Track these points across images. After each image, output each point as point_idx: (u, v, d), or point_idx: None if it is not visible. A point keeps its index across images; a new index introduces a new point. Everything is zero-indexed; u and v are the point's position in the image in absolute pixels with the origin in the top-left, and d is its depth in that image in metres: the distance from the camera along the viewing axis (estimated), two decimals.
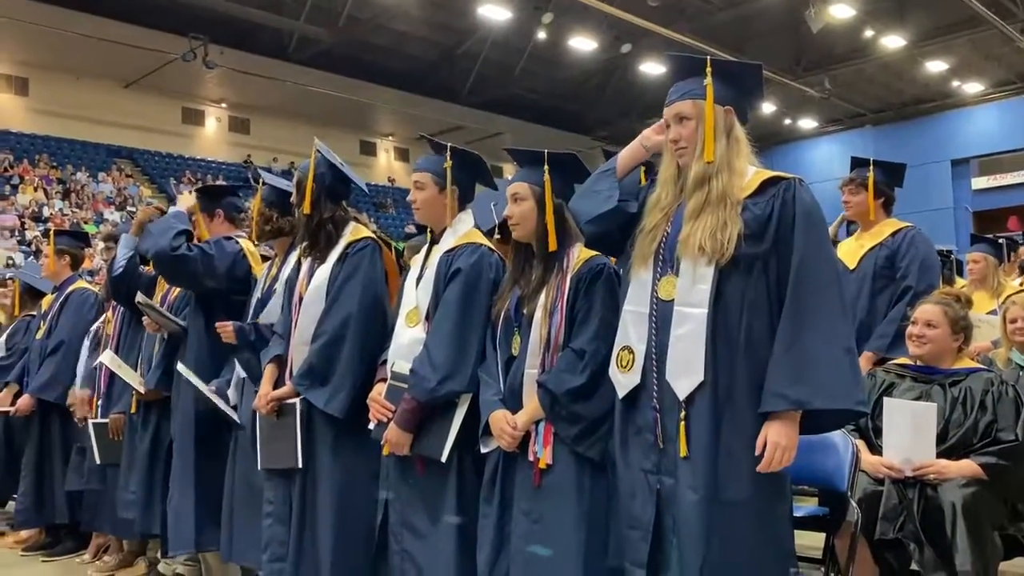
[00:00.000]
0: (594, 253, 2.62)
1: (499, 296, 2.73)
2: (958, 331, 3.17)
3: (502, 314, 2.68)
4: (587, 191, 2.49)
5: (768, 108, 25.17)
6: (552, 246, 2.61)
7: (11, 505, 5.49)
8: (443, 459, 2.66)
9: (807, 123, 28.11)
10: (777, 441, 2.09)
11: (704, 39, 20.62)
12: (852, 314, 2.29)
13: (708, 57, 2.31)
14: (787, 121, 27.59)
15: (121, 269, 4.05)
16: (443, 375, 2.65)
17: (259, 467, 3.10)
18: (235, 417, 3.39)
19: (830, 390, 2.08)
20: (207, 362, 3.69)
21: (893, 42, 21.33)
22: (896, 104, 26.44)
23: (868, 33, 21.29)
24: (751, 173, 2.28)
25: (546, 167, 2.65)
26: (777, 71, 22.64)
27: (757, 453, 2.10)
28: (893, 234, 4.07)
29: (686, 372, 2.17)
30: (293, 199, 3.27)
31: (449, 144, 2.95)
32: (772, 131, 27.60)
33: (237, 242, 3.80)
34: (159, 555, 4.12)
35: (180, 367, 3.61)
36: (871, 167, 4.14)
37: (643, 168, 2.59)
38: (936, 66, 23.31)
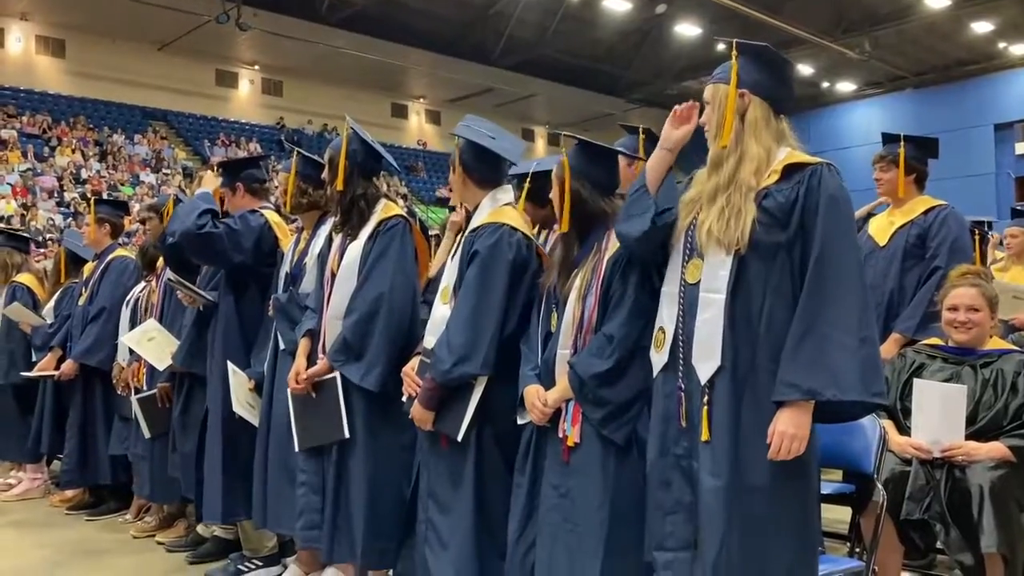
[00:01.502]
0: None
1: (547, 270, 2.77)
2: (995, 309, 3.16)
3: (546, 289, 2.71)
4: (625, 214, 2.45)
5: (805, 70, 24.69)
6: (563, 227, 2.64)
7: (56, 465, 5.68)
8: (459, 438, 2.72)
9: (845, 86, 27.54)
10: (785, 430, 2.09)
11: (742, 0, 20.24)
12: (880, 303, 2.25)
13: (734, 40, 2.29)
14: (825, 84, 27.06)
15: (173, 238, 4.13)
16: (457, 358, 2.69)
17: (296, 448, 3.17)
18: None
19: (843, 381, 2.06)
20: (236, 337, 3.78)
21: (937, 2, 20.75)
22: (939, 66, 25.78)
23: None
24: (782, 155, 2.27)
25: (564, 150, 2.66)
26: (816, 32, 22.15)
27: (768, 441, 2.12)
28: (925, 212, 4.00)
29: (707, 356, 2.19)
30: (325, 175, 3.30)
31: (458, 136, 2.97)
32: (809, 94, 27.11)
33: (262, 215, 3.85)
34: (197, 517, 4.25)
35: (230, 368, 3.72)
36: (902, 142, 4.05)
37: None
38: (981, 27, 22.67)
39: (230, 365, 3.63)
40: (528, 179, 3.21)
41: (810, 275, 2.13)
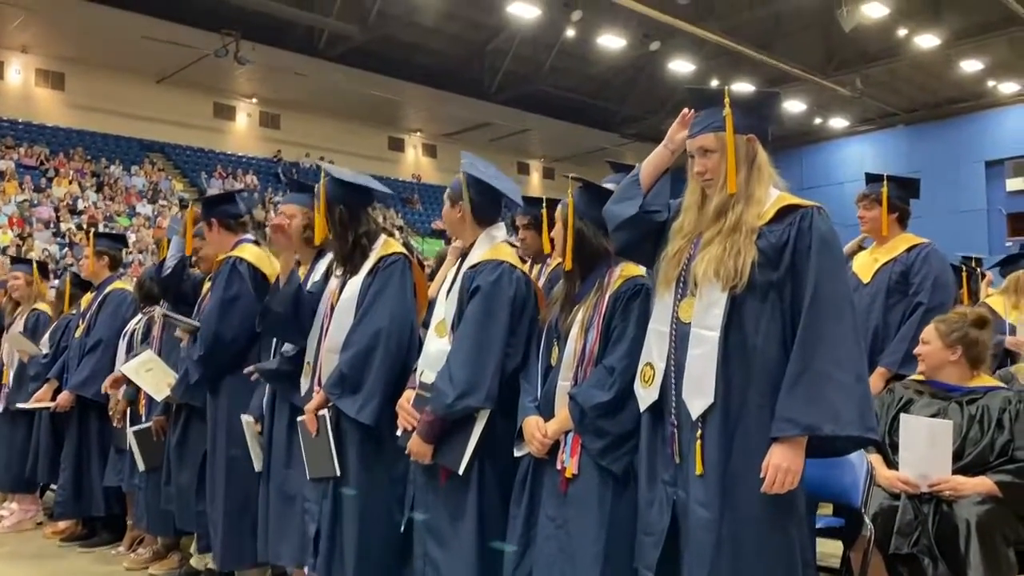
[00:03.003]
0: (634, 273, 2.69)
1: (548, 305, 2.83)
2: (952, 345, 3.19)
3: (547, 324, 2.77)
4: (616, 197, 2.55)
5: (798, 107, 25.01)
6: (567, 265, 2.71)
7: (49, 496, 5.67)
8: (460, 472, 2.75)
9: (838, 122, 27.87)
10: (779, 464, 2.14)
11: (733, 37, 20.56)
12: (865, 340, 2.32)
13: (725, 88, 2.33)
14: (817, 120, 27.38)
15: (169, 271, 4.21)
16: (460, 391, 2.73)
17: (308, 478, 3.19)
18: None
19: (841, 417, 2.12)
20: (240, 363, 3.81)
21: (927, 41, 21.09)
22: (929, 104, 26.14)
23: (901, 32, 21.08)
24: (773, 197, 2.33)
25: (570, 191, 2.73)
26: (807, 70, 22.48)
27: (761, 475, 2.16)
28: (908, 250, 4.09)
29: (699, 392, 2.24)
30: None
31: (463, 169, 3.02)
32: (802, 130, 27.43)
33: (239, 261, 3.88)
34: (192, 549, 4.24)
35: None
36: (885, 182, 4.14)
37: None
38: (971, 65, 23.02)
39: (244, 417, 3.65)
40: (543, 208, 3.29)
41: (806, 314, 2.18)
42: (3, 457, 5.68)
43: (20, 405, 5.40)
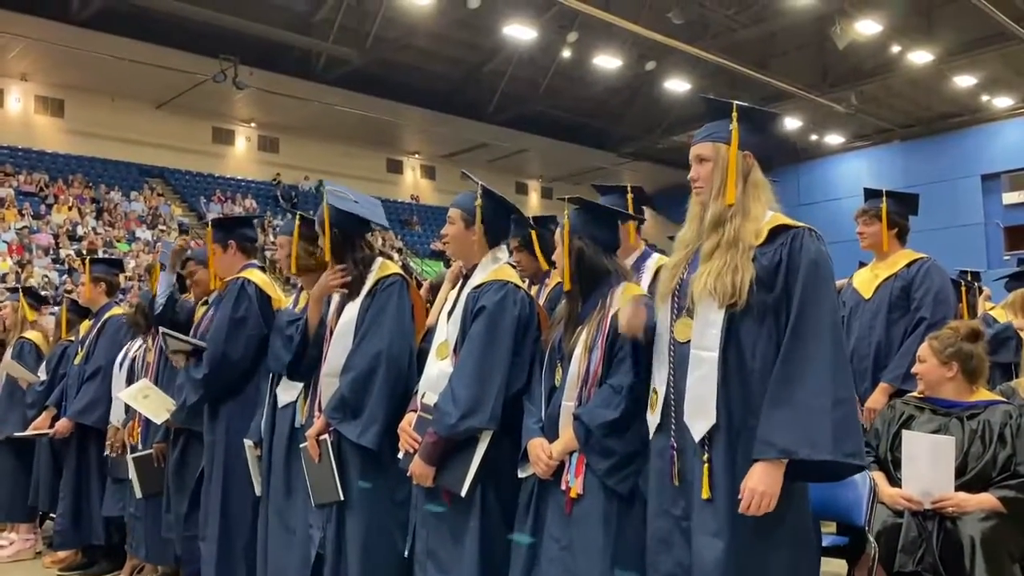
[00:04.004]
0: (636, 292, 2.70)
1: (551, 326, 2.83)
2: (947, 361, 3.19)
3: (550, 345, 2.77)
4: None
5: (794, 124, 25.13)
6: (566, 286, 2.71)
7: (48, 525, 5.64)
8: (463, 493, 2.73)
9: (834, 139, 27.98)
10: (755, 487, 2.13)
11: (729, 56, 20.70)
12: (848, 363, 2.30)
13: (733, 102, 2.37)
14: (813, 137, 27.49)
15: (160, 307, 4.21)
16: (464, 412, 2.72)
17: (313, 504, 3.17)
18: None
19: (815, 441, 2.11)
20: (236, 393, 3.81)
21: (920, 57, 21.21)
22: (924, 119, 26.26)
23: (895, 49, 21.20)
24: (767, 218, 2.34)
25: (566, 211, 2.74)
26: (803, 87, 22.61)
27: (739, 497, 2.15)
28: (908, 265, 4.10)
29: (701, 414, 2.23)
30: (320, 242, 3.35)
31: (481, 183, 3.03)
32: (798, 147, 27.54)
33: (249, 284, 3.89)
34: None
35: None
36: (884, 197, 4.16)
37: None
38: (965, 81, 23.14)
39: (245, 441, 3.63)
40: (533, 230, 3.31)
41: (787, 337, 2.18)
42: (2, 487, 5.65)
43: (18, 434, 5.38)
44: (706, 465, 2.21)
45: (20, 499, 5.55)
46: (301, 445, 3.21)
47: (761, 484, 2.13)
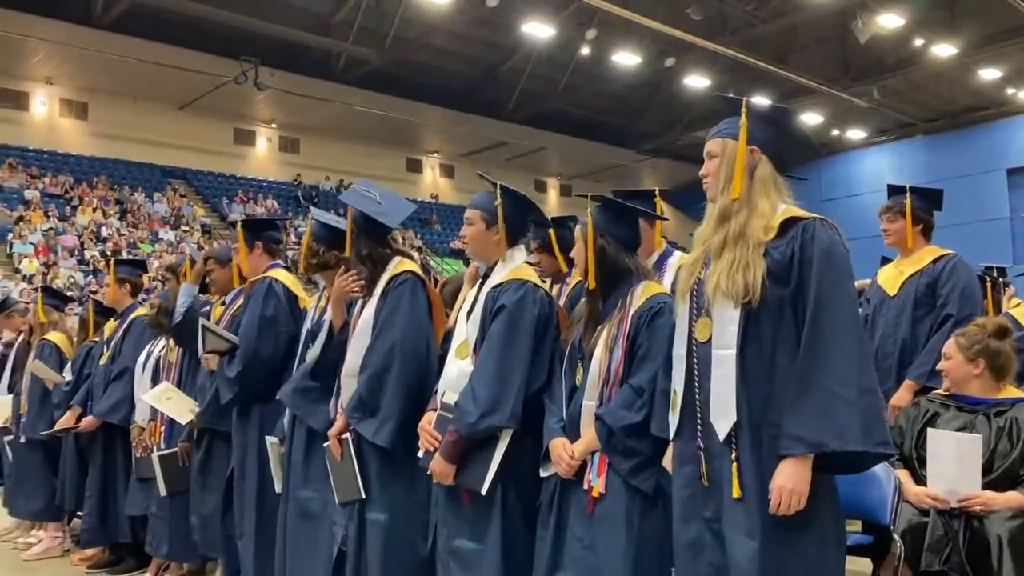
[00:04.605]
0: (657, 290, 2.69)
1: (570, 325, 2.82)
2: (974, 358, 3.15)
3: (570, 344, 2.76)
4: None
5: (814, 119, 24.93)
6: (590, 284, 2.70)
7: (76, 523, 5.71)
8: (483, 492, 2.73)
9: (856, 133, 27.75)
10: (784, 485, 2.11)
11: (749, 51, 20.58)
12: (870, 352, 2.27)
13: (744, 99, 2.36)
14: (835, 132, 27.27)
15: (180, 318, 4.26)
16: (484, 410, 2.73)
17: (337, 502, 3.19)
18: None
19: (846, 432, 2.08)
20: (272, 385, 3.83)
21: (944, 51, 20.99)
22: (948, 113, 25.98)
23: (918, 42, 21.01)
24: (780, 211, 2.31)
25: (589, 210, 2.73)
26: (824, 82, 22.44)
27: (770, 497, 2.13)
28: (934, 261, 4.05)
29: (723, 413, 2.22)
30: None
31: (499, 183, 3.03)
32: (819, 142, 27.31)
33: (276, 282, 3.92)
34: (219, 575, 4.25)
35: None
36: (908, 193, 4.11)
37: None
38: (989, 74, 22.88)
39: (268, 439, 3.66)
40: (551, 229, 3.31)
41: (806, 329, 2.16)
42: (29, 486, 5.74)
43: (44, 432, 5.45)
44: (734, 464, 2.19)
45: (47, 498, 5.62)
46: (324, 444, 3.23)
47: (790, 482, 2.11)
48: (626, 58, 22.04)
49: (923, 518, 2.94)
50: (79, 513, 5.56)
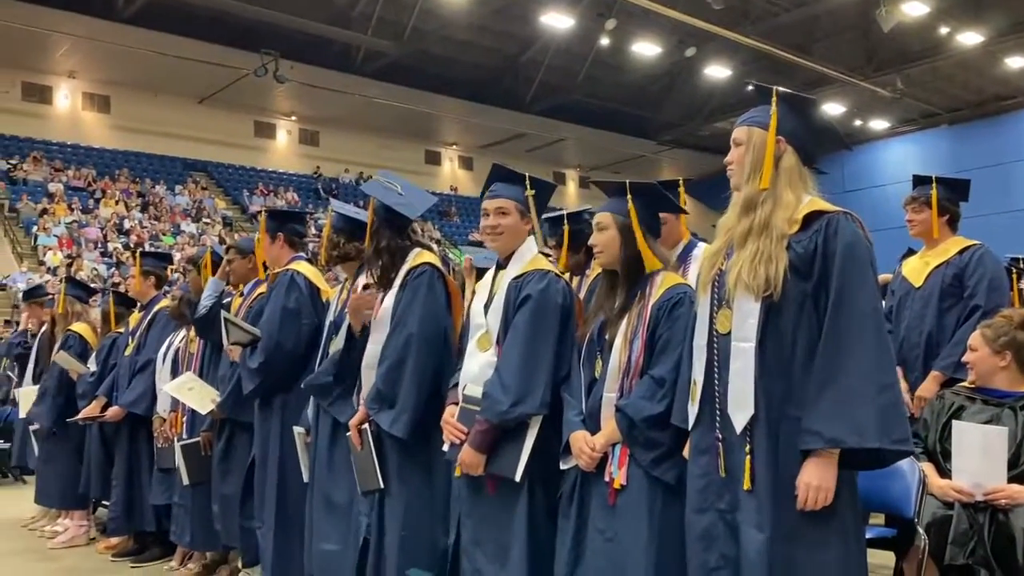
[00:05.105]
0: (677, 281, 2.68)
1: (585, 319, 2.81)
2: (1000, 350, 3.11)
3: (586, 337, 2.75)
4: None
5: (837, 110, 24.67)
6: (649, 267, 2.69)
7: (102, 512, 5.79)
8: (517, 478, 2.74)
9: (879, 124, 27.44)
10: (809, 482, 2.10)
11: (770, 41, 20.39)
12: (892, 348, 2.24)
13: (776, 88, 2.35)
14: (857, 122, 26.99)
15: (204, 311, 4.29)
16: (515, 398, 2.74)
17: (359, 492, 3.22)
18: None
19: (864, 429, 2.07)
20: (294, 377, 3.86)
21: (969, 39, 20.71)
22: (973, 102, 25.62)
23: (943, 31, 20.74)
24: (804, 203, 2.29)
25: (629, 199, 2.71)
26: (846, 71, 22.20)
27: (797, 493, 2.12)
28: (960, 252, 4.00)
29: (741, 405, 2.21)
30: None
31: (527, 174, 3.05)
32: (843, 132, 26.99)
33: (297, 274, 3.95)
34: (240, 565, 4.29)
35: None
36: (934, 184, 4.07)
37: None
38: (1016, 62, 22.54)
39: (295, 429, 3.68)
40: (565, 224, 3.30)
41: (827, 324, 2.14)
42: (56, 475, 5.83)
43: (69, 420, 5.52)
44: (748, 457, 2.19)
45: (73, 487, 5.71)
46: (347, 434, 3.25)
47: (816, 478, 2.10)
48: (646, 48, 21.91)
49: (948, 511, 2.91)
50: (104, 502, 5.64)
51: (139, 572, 4.96)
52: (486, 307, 3.00)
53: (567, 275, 3.48)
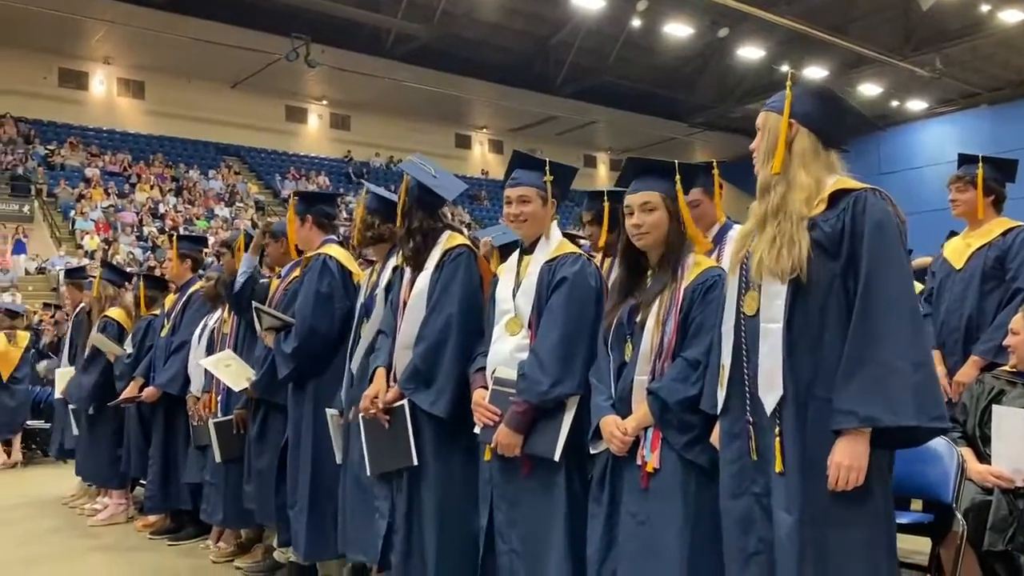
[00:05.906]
0: (709, 264, 2.66)
1: (611, 305, 2.79)
2: None
3: (614, 321, 2.73)
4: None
5: (873, 90, 24.27)
6: (700, 249, 2.69)
7: (140, 491, 5.91)
8: (556, 458, 2.75)
9: (916, 104, 26.93)
10: (842, 461, 2.07)
11: (805, 21, 20.07)
12: (924, 325, 2.20)
13: (791, 71, 2.33)
14: (894, 103, 26.51)
15: (239, 287, 4.34)
16: (554, 379, 2.75)
17: (368, 474, 3.24)
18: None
19: (899, 407, 2.04)
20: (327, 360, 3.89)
21: (1012, 16, 20.23)
22: (1015, 81, 25.04)
23: (983, 8, 20.27)
24: (830, 183, 2.26)
25: (677, 177, 2.67)
26: (884, 51, 21.80)
27: (828, 474, 2.10)
28: (1004, 233, 3.91)
29: (770, 386, 2.19)
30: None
31: (548, 159, 3.04)
32: (878, 113, 26.55)
33: (328, 258, 3.97)
34: (275, 543, 4.35)
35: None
36: (980, 163, 3.97)
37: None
38: None
39: (328, 411, 3.71)
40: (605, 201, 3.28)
41: (858, 302, 2.11)
42: (95, 454, 5.95)
43: (110, 403, 5.63)
44: (777, 439, 2.17)
45: (113, 466, 5.83)
46: (361, 414, 3.25)
47: (847, 458, 2.07)
48: (678, 29, 21.68)
49: (987, 497, 2.88)
50: (142, 481, 5.75)
51: (176, 550, 5.04)
52: (514, 291, 3.00)
53: (599, 256, 3.46)
